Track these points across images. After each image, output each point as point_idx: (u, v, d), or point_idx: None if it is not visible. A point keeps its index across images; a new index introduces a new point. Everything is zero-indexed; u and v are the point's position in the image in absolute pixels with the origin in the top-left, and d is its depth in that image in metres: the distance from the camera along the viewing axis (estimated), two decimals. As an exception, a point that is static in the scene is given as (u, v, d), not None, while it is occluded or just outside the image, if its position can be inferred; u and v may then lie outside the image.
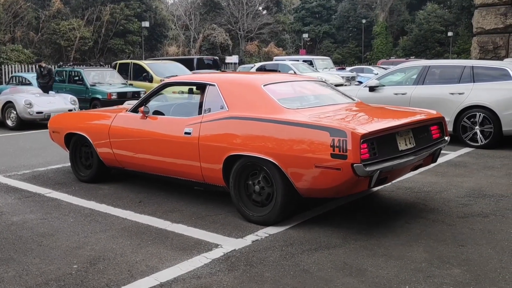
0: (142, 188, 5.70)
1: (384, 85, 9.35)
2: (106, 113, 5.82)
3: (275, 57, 28.23)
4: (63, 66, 15.56)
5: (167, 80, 5.46)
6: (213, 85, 4.83)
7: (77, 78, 14.42)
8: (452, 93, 8.40)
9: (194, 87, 5.59)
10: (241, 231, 4.20)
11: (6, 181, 6.14)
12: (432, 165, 6.61)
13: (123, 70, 16.11)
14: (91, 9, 33.14)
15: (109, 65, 20.04)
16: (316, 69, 22.97)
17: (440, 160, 7.20)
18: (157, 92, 5.39)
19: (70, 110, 12.08)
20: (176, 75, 15.40)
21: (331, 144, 3.82)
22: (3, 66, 25.88)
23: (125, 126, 5.39)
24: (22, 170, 6.87)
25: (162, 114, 5.31)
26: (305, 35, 50.45)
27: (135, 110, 5.37)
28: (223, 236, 4.08)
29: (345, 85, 20.63)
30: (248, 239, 4.00)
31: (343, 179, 3.83)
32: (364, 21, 52.12)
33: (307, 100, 4.97)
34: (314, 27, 55.91)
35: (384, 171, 3.94)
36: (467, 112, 8.27)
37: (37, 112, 11.57)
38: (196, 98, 5.39)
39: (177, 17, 44.27)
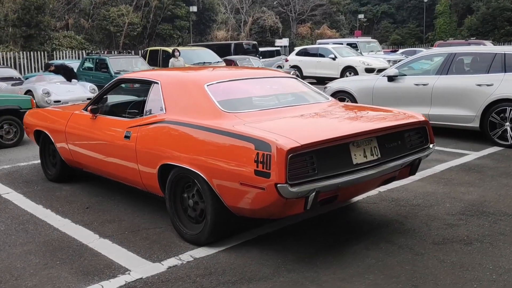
0: (101, 190, 5.29)
1: (405, 75, 8.39)
2: (66, 110, 5.44)
3: (318, 41, 27.07)
4: (92, 54, 15.53)
5: (120, 77, 4.97)
6: (157, 83, 4.30)
7: (103, 66, 14.33)
8: (479, 85, 7.34)
9: (145, 85, 5.06)
10: (166, 252, 3.66)
11: (-25, 178, 5.96)
12: (434, 172, 5.80)
13: (154, 57, 15.89)
14: (139, -5, 33.28)
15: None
16: (361, 52, 21.76)
17: (455, 162, 6.32)
18: (110, 89, 4.93)
19: (89, 99, 11.98)
20: (204, 62, 15.06)
21: (255, 159, 3.18)
22: (55, 52, 26.65)
23: (77, 126, 4.99)
24: (3, 164, 6.69)
25: (113, 113, 4.84)
26: (361, 16, 48.37)
27: (87, 108, 4.94)
28: (141, 258, 3.57)
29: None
30: (166, 264, 3.46)
31: (269, 200, 3.19)
32: (426, -1, 49.23)
33: (260, 102, 4.29)
34: (371, 7, 53.63)
35: (323, 191, 3.25)
36: (496, 106, 7.18)
37: (55, 101, 11.53)
38: (150, 96, 4.85)
39: (227, 0, 43.77)
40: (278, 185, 3.06)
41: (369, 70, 18.44)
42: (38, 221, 4.43)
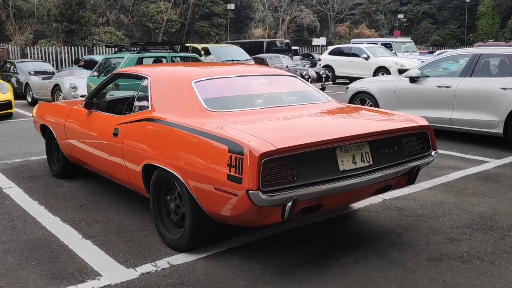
0: (100, 188, 5.23)
1: (428, 76, 8.00)
2: (67, 105, 5.41)
3: (352, 40, 26.53)
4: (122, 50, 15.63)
5: (115, 71, 4.89)
6: (147, 79, 4.18)
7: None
8: (504, 88, 6.90)
9: (138, 80, 4.94)
10: (144, 258, 3.53)
11: (-16, 171, 6.03)
12: (447, 180, 5.45)
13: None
14: (178, -8, 33.54)
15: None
16: (395, 53, 21.15)
17: (472, 170, 5.94)
18: (107, 84, 4.84)
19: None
20: (232, 60, 14.94)
21: (228, 163, 3.00)
22: (95, 47, 27.25)
23: (75, 122, 4.94)
24: (15, 158, 6.77)
25: (109, 109, 4.77)
26: (401, 16, 47.18)
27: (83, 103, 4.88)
28: (116, 263, 3.45)
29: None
30: (139, 271, 3.33)
31: (243, 207, 3.00)
32: (468, 0, 47.55)
33: (251, 101, 4.08)
34: (412, 6, 52.28)
35: (303, 199, 3.04)
36: (522, 112, 6.75)
37: (81, 96, 11.67)
38: (140, 92, 4.73)
39: (266, -1, 43.64)
40: (250, 191, 2.87)
41: (402, 71, 17.81)
42: (28, 218, 4.40)
